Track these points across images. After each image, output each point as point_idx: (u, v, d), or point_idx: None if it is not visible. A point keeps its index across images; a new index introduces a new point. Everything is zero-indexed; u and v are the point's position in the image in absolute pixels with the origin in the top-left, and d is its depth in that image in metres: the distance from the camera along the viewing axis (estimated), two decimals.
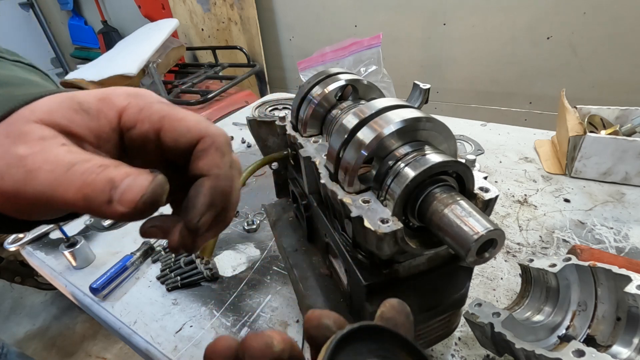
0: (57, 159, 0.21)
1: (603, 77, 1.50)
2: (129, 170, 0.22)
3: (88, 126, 0.24)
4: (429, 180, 0.32)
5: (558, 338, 0.45)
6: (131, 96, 0.26)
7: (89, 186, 0.21)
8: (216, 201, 0.25)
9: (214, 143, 0.26)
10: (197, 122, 0.26)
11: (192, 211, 0.25)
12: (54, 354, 1.83)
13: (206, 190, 0.25)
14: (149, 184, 0.22)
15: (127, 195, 0.21)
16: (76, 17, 3.41)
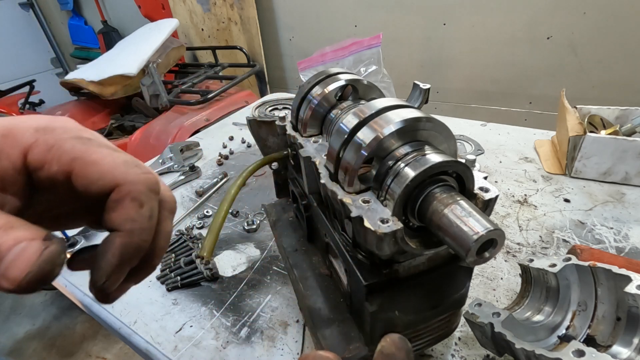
0: None
1: (603, 77, 1.50)
2: (19, 235, 0.19)
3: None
4: (429, 180, 0.32)
5: (558, 338, 0.45)
6: (40, 131, 0.23)
7: None
8: (128, 259, 0.23)
9: (129, 193, 0.23)
10: (112, 167, 0.23)
11: (97, 272, 0.23)
12: (54, 354, 1.83)
13: (115, 249, 0.22)
14: (36, 258, 0.19)
15: (11, 272, 0.18)
16: (76, 17, 3.41)
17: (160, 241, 0.26)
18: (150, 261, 0.26)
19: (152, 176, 0.24)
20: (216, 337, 0.56)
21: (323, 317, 0.46)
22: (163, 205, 0.26)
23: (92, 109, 2.13)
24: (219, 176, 0.98)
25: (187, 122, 1.65)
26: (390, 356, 0.22)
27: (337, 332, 0.44)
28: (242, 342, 0.55)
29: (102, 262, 0.22)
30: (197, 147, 1.11)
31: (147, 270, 0.27)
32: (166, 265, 0.70)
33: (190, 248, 0.73)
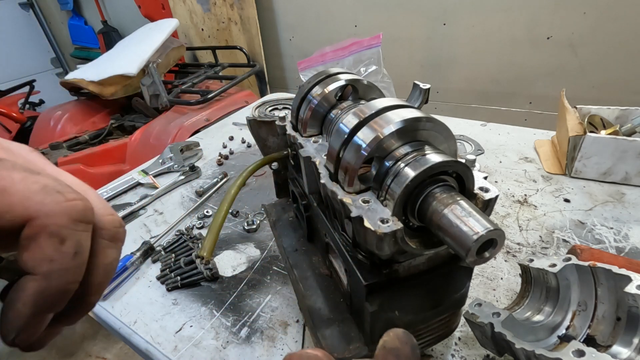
0: None
1: (603, 77, 1.50)
2: None
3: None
4: (429, 180, 0.32)
5: (558, 338, 0.45)
6: None
7: None
8: (46, 307, 0.19)
9: (45, 227, 0.19)
10: (24, 197, 0.18)
11: (3, 326, 0.19)
12: (54, 354, 1.83)
13: (27, 297, 0.18)
14: None
15: None
16: (76, 17, 3.42)
17: (97, 277, 0.22)
18: (84, 300, 0.22)
19: (79, 202, 0.20)
20: (216, 337, 0.56)
21: (323, 317, 0.46)
22: (99, 234, 0.22)
23: (92, 109, 2.13)
24: (219, 176, 0.98)
25: (187, 122, 1.65)
26: (393, 351, 0.20)
27: (337, 332, 0.44)
28: (242, 342, 0.55)
29: (10, 314, 0.18)
30: (197, 147, 1.11)
31: (81, 310, 0.23)
32: (166, 265, 0.70)
33: (190, 248, 0.73)
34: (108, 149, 1.79)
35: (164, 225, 0.83)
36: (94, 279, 0.22)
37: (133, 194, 0.96)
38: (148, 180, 0.97)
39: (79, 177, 0.26)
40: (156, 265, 0.71)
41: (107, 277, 0.23)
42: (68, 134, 1.97)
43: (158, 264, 0.71)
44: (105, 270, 0.23)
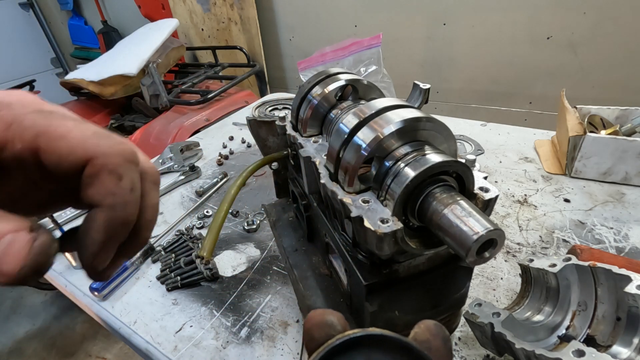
0: None
1: (603, 77, 1.50)
2: (5, 226, 0.18)
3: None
4: (429, 180, 0.32)
5: (558, 338, 0.45)
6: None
7: None
8: (114, 235, 0.22)
9: (105, 165, 0.21)
10: (82, 140, 0.21)
11: (84, 252, 0.22)
12: (54, 354, 1.83)
13: (99, 226, 0.21)
14: (27, 252, 0.18)
15: (3, 267, 0.18)
16: (76, 17, 3.41)
17: (147, 214, 0.24)
18: (139, 235, 0.25)
19: (128, 146, 0.22)
20: (216, 337, 0.56)
21: None
22: (145, 177, 0.24)
23: (92, 109, 2.13)
24: (219, 176, 0.98)
25: (187, 122, 1.65)
26: (424, 343, 0.20)
27: None
28: (242, 342, 0.55)
29: (87, 240, 0.22)
30: (197, 147, 1.11)
31: (137, 244, 0.25)
32: (166, 265, 0.70)
33: (190, 248, 0.73)
34: None
35: (164, 225, 0.83)
36: (146, 215, 0.24)
37: None
38: None
39: None
40: (156, 265, 0.71)
41: (155, 216, 0.26)
42: None
43: (158, 264, 0.71)
44: (152, 210, 0.25)
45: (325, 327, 0.20)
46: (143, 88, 1.88)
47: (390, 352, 0.18)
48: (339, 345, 0.18)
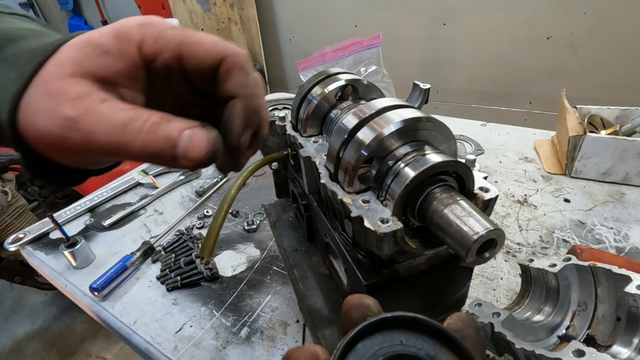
0: (108, 119, 0.22)
1: (603, 77, 1.50)
2: (181, 124, 0.23)
3: (115, 69, 0.24)
4: (429, 180, 0.32)
5: (558, 338, 0.45)
6: (143, 26, 0.25)
7: (149, 146, 0.22)
8: (251, 120, 0.27)
9: (236, 63, 0.26)
10: (214, 43, 0.25)
11: (231, 134, 0.26)
12: (54, 354, 1.83)
13: (239, 111, 0.26)
14: (207, 141, 0.23)
15: (191, 154, 0.23)
16: (76, 17, 3.41)
17: (263, 114, 0.28)
18: (260, 130, 0.29)
19: (244, 50, 0.27)
20: (216, 337, 0.56)
21: (323, 317, 0.46)
22: (256, 82, 0.28)
23: None
24: (219, 176, 0.98)
25: None
26: (457, 332, 0.21)
27: (337, 332, 0.44)
28: (242, 342, 0.55)
29: (232, 124, 0.26)
30: None
31: (259, 138, 0.30)
32: (166, 265, 0.70)
33: (190, 248, 0.73)
34: None
35: (164, 225, 0.83)
36: (263, 114, 0.28)
37: (133, 194, 0.96)
38: (148, 180, 0.97)
39: None
40: (156, 265, 0.71)
41: (267, 114, 0.29)
42: None
43: (158, 264, 0.71)
44: (265, 109, 0.29)
45: (362, 308, 0.21)
46: None
47: (423, 335, 0.19)
48: (375, 323, 0.19)
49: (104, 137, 0.22)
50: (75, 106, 0.22)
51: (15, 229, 1.49)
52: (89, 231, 0.83)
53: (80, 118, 0.22)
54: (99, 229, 0.83)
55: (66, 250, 0.70)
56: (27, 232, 0.82)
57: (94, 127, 0.22)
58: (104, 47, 0.24)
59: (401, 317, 0.19)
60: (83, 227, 0.85)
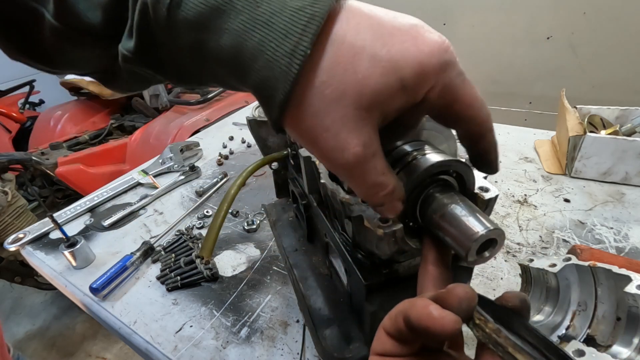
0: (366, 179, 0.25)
1: (603, 77, 1.50)
2: (395, 184, 0.27)
3: (397, 108, 0.24)
4: (429, 180, 0.32)
5: (558, 338, 0.45)
6: (441, 72, 0.24)
7: (371, 188, 0.26)
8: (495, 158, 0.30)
9: (489, 130, 0.28)
10: (479, 109, 0.27)
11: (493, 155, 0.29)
12: (54, 354, 1.83)
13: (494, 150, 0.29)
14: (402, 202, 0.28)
15: (392, 210, 0.28)
16: None
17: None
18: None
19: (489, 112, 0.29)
20: (216, 337, 0.56)
21: (323, 317, 0.46)
22: None
23: (92, 109, 2.13)
24: (219, 176, 0.98)
25: (187, 122, 1.65)
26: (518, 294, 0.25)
27: (337, 332, 0.44)
28: (242, 342, 0.55)
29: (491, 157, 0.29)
30: (197, 147, 1.11)
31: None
32: (166, 265, 0.70)
33: (190, 248, 0.73)
34: (108, 149, 1.79)
35: (164, 225, 0.83)
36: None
37: (133, 194, 0.96)
38: (148, 180, 0.97)
39: (79, 177, 0.27)
40: (156, 265, 0.71)
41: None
42: (68, 134, 1.97)
43: (158, 264, 0.71)
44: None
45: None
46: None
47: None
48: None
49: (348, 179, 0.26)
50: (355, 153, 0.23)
51: (15, 229, 1.49)
52: (89, 231, 0.83)
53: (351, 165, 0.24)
54: (99, 229, 0.83)
55: (66, 250, 0.70)
56: (27, 232, 0.82)
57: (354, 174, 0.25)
58: (405, 83, 0.23)
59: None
60: (83, 227, 0.85)
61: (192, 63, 0.26)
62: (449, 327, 0.21)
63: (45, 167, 1.66)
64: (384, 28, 0.23)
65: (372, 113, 0.23)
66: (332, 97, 0.22)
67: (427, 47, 0.23)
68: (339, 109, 0.23)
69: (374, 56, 0.22)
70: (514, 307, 0.25)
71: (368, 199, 0.28)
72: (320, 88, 0.22)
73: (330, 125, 0.23)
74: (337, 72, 0.22)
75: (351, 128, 0.23)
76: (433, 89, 0.24)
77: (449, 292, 0.23)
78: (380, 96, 0.23)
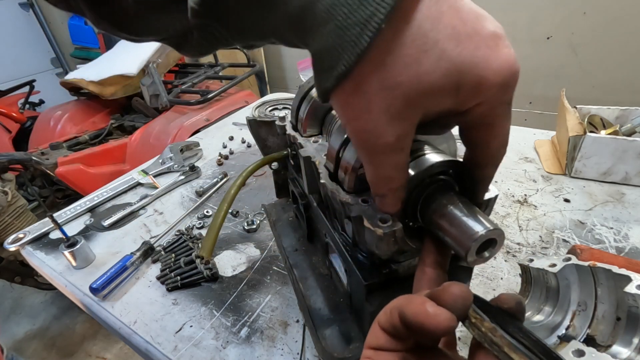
0: (388, 174, 0.27)
1: (603, 77, 1.50)
2: (403, 183, 0.28)
3: (441, 111, 0.24)
4: (428, 180, 0.32)
5: (558, 338, 0.45)
6: (497, 92, 0.23)
7: (383, 179, 0.27)
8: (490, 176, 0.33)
9: (494, 166, 0.31)
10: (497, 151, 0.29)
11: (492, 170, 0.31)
12: (54, 354, 1.83)
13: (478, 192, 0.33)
14: (401, 202, 0.30)
15: (390, 206, 0.30)
16: (76, 17, 3.41)
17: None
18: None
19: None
20: (216, 337, 0.56)
21: (323, 317, 0.46)
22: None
23: (92, 109, 2.13)
24: (219, 176, 0.98)
25: (187, 122, 1.65)
26: (512, 294, 0.26)
27: (337, 332, 0.44)
28: (242, 342, 0.55)
29: (479, 187, 0.33)
30: (197, 147, 1.11)
31: None
32: (166, 265, 0.70)
33: (190, 248, 0.73)
34: (108, 149, 1.79)
35: (164, 225, 0.83)
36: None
37: (133, 194, 0.96)
38: (148, 180, 0.97)
39: (79, 177, 0.27)
40: (156, 265, 0.71)
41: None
42: (68, 134, 1.97)
43: (158, 264, 0.71)
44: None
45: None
46: (143, 88, 1.88)
47: None
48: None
49: (367, 161, 0.26)
50: (387, 143, 0.24)
51: (15, 229, 1.49)
52: (89, 231, 0.83)
53: (378, 151, 0.24)
54: (99, 229, 0.83)
55: (66, 250, 0.70)
56: (27, 232, 0.82)
57: (374, 160, 0.25)
58: (461, 90, 0.23)
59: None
60: (83, 227, 0.85)
61: (256, 13, 0.25)
62: (444, 324, 0.21)
63: (45, 167, 1.66)
64: (465, 27, 0.22)
65: (417, 110, 0.23)
66: (388, 83, 0.22)
67: (497, 64, 0.22)
68: (389, 96, 0.22)
69: (443, 53, 0.21)
70: (510, 308, 0.25)
71: (374, 185, 0.28)
72: (380, 69, 0.22)
73: (375, 109, 0.23)
74: (402, 58, 0.21)
75: (392, 118, 0.23)
76: (480, 106, 0.24)
77: (445, 289, 0.23)
78: (432, 96, 0.22)
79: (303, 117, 0.48)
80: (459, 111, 0.25)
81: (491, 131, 0.26)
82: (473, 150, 0.29)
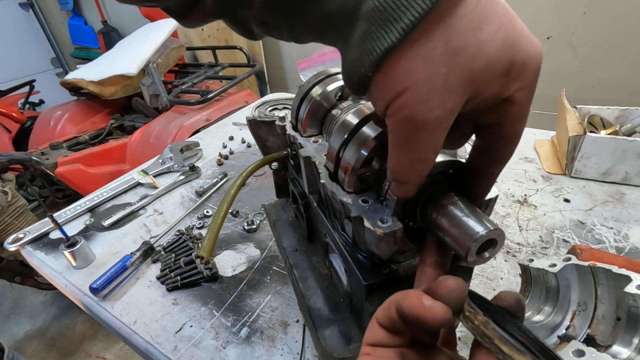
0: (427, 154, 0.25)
1: (603, 77, 1.50)
2: (429, 171, 0.26)
3: (485, 97, 0.23)
4: (428, 180, 0.32)
5: (558, 338, 0.45)
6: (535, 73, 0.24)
7: (415, 162, 0.25)
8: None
9: (509, 156, 0.29)
10: (518, 133, 0.28)
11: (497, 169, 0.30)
12: (54, 354, 1.83)
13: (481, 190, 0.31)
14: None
15: (406, 191, 0.28)
16: (76, 17, 3.41)
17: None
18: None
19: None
20: (216, 337, 0.56)
21: (323, 317, 0.46)
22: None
23: (92, 109, 2.13)
24: (219, 176, 0.98)
25: (187, 122, 1.65)
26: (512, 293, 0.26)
27: (337, 332, 0.44)
28: (242, 342, 0.55)
29: (482, 185, 0.31)
30: (197, 147, 1.11)
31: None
32: (166, 265, 0.70)
33: (190, 248, 0.73)
34: (108, 149, 1.79)
35: (164, 225, 0.83)
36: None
37: (133, 194, 0.96)
38: (148, 180, 0.97)
39: (79, 177, 0.27)
40: (156, 265, 0.71)
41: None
42: (68, 134, 1.97)
43: (158, 264, 0.71)
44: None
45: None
46: (143, 88, 1.88)
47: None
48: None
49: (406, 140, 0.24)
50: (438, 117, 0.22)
51: (15, 229, 1.49)
52: (89, 231, 0.83)
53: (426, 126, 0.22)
54: (99, 229, 0.83)
55: (66, 250, 0.70)
56: (27, 232, 0.82)
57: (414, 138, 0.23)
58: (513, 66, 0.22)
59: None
60: (83, 227, 0.85)
61: None
62: (440, 316, 0.22)
63: (45, 167, 1.66)
64: (510, 10, 0.23)
65: (472, 85, 0.22)
66: (452, 46, 0.21)
67: (537, 48, 0.23)
68: (451, 62, 0.21)
69: (502, 25, 0.21)
70: (509, 306, 0.25)
71: (402, 172, 0.26)
72: (446, 29, 0.21)
73: (436, 75, 0.21)
74: (465, 23, 0.21)
75: (449, 89, 0.21)
76: (520, 91, 0.24)
77: (440, 283, 0.24)
78: (489, 68, 0.21)
79: (303, 117, 0.48)
80: (501, 98, 0.24)
81: (520, 123, 0.26)
82: (493, 146, 0.28)
